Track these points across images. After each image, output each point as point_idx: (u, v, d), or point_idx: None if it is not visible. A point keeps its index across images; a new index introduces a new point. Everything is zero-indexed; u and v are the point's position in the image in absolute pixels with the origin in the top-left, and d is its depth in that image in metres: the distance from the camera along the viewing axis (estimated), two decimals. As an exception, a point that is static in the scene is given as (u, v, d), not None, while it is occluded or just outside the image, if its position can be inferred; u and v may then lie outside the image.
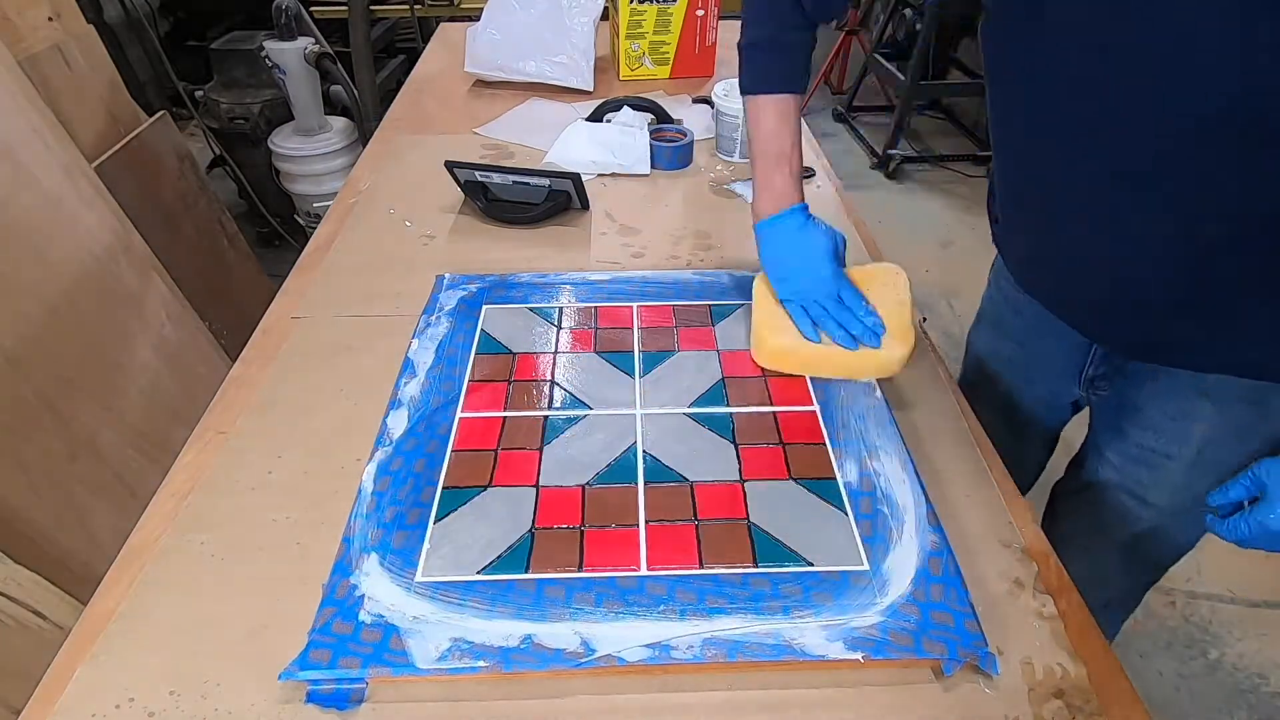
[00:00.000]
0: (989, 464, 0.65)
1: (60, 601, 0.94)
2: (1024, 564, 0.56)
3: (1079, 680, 0.49)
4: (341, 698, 0.48)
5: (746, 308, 0.80)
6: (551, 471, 0.62)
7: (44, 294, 1.10)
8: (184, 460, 0.65)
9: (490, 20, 1.36)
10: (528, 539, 0.56)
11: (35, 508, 1.00)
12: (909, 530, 0.56)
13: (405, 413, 0.67)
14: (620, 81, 1.41)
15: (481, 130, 1.22)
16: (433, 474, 0.61)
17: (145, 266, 1.31)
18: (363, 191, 1.05)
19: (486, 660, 0.48)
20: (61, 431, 1.07)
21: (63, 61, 1.37)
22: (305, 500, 0.61)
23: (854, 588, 0.53)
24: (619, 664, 0.48)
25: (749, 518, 0.58)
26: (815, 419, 0.67)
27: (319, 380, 0.72)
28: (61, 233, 1.15)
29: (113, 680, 0.49)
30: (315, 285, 0.86)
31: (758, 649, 0.49)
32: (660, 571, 0.54)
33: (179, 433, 0.68)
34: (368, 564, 0.54)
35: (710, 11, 1.36)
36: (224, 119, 2.12)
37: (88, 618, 0.53)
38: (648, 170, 1.08)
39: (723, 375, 0.72)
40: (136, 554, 0.57)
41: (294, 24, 1.88)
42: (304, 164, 2.07)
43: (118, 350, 1.21)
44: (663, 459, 0.63)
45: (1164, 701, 1.27)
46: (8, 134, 1.09)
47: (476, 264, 0.89)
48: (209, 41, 2.19)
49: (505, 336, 0.76)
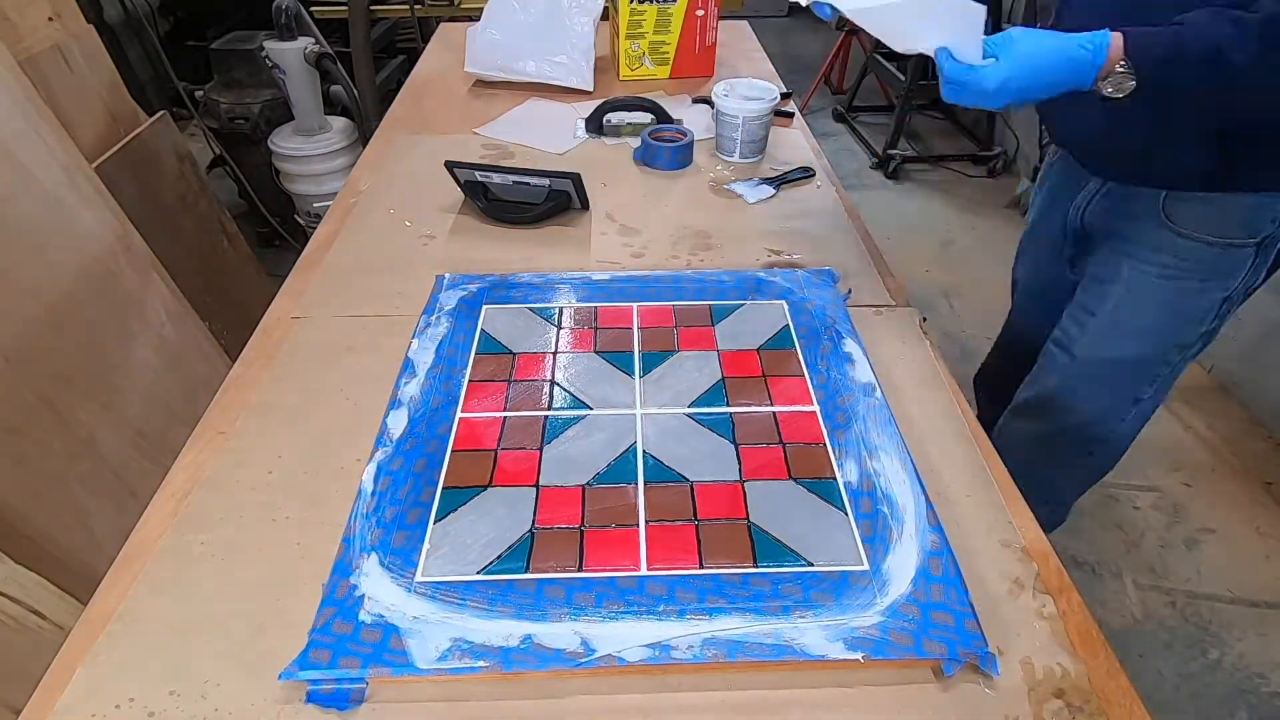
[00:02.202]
0: (989, 464, 0.65)
1: (60, 601, 0.94)
2: (1024, 564, 0.56)
3: (1079, 680, 0.49)
4: (341, 698, 0.48)
5: (747, 308, 0.80)
6: (551, 471, 0.62)
7: (44, 294, 1.10)
8: (184, 460, 0.65)
9: (490, 20, 1.36)
10: (528, 539, 0.56)
11: (35, 508, 1.00)
12: (909, 530, 0.56)
13: (405, 413, 0.67)
14: (620, 81, 1.41)
15: (481, 130, 1.22)
16: (433, 474, 0.61)
17: (145, 266, 1.31)
18: (363, 191, 1.05)
19: (486, 660, 0.48)
20: (61, 431, 1.07)
21: (63, 61, 1.37)
22: (305, 500, 0.61)
23: (854, 588, 0.53)
24: (619, 664, 0.48)
25: (749, 518, 0.58)
26: (815, 419, 0.67)
27: (319, 380, 0.72)
28: (61, 233, 1.15)
29: (113, 680, 0.49)
30: (315, 285, 0.86)
31: (758, 649, 0.49)
32: (660, 571, 0.54)
33: (179, 433, 0.68)
34: (368, 564, 0.54)
35: (710, 11, 1.36)
36: (224, 119, 2.12)
37: (88, 618, 0.53)
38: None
39: (723, 375, 0.72)
40: (136, 554, 0.57)
41: (294, 24, 1.87)
42: (304, 164, 2.07)
43: (118, 350, 1.21)
44: (663, 459, 0.63)
45: (1164, 701, 1.27)
46: (8, 134, 1.09)
47: (476, 264, 0.89)
48: (209, 41, 2.19)
49: (505, 336, 0.76)
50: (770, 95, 1.09)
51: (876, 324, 0.80)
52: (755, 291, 0.83)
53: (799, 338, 0.76)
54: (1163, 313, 0.87)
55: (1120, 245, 0.87)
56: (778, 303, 0.81)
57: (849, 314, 0.79)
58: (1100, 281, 0.90)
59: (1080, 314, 0.93)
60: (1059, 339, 0.97)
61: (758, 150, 1.13)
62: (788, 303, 0.81)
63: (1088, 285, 0.92)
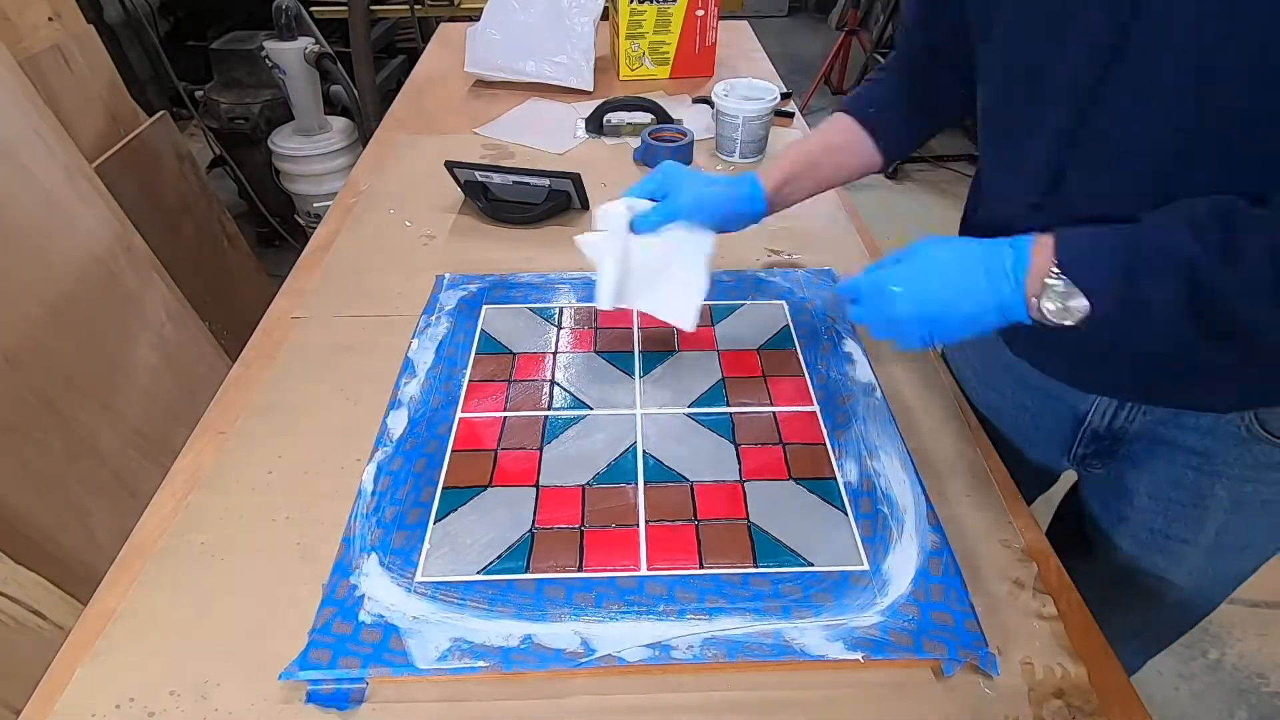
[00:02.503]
0: (989, 464, 0.65)
1: (60, 601, 0.94)
2: (1024, 564, 0.56)
3: (1079, 680, 0.49)
4: (341, 698, 0.48)
5: (747, 308, 0.80)
6: (551, 471, 0.62)
7: (44, 294, 1.10)
8: (184, 460, 0.65)
9: (490, 20, 1.36)
10: (528, 539, 0.56)
11: (35, 508, 1.00)
12: (909, 530, 0.56)
13: (405, 413, 0.67)
14: (620, 81, 1.41)
15: (481, 130, 1.22)
16: (433, 474, 0.61)
17: (145, 266, 1.31)
18: (363, 191, 1.05)
19: (486, 660, 0.48)
20: (61, 431, 1.07)
21: (63, 61, 1.37)
22: (305, 500, 0.61)
23: (854, 588, 0.52)
24: (619, 664, 0.48)
25: (749, 518, 0.58)
26: (815, 419, 0.67)
27: (319, 380, 0.72)
28: (61, 233, 1.15)
29: (113, 680, 0.49)
30: (315, 285, 0.86)
31: (758, 649, 0.49)
32: (660, 571, 0.54)
33: (179, 433, 0.68)
34: (368, 564, 0.54)
35: (710, 11, 1.35)
36: (224, 119, 2.12)
37: (88, 618, 0.53)
38: (691, 326, 0.68)
39: (723, 375, 0.72)
40: (136, 554, 0.57)
41: (294, 24, 1.87)
42: (304, 164, 2.07)
43: (118, 350, 1.21)
44: (663, 459, 0.63)
45: (1164, 701, 1.27)
46: (8, 134, 1.09)
47: (476, 264, 0.89)
48: (209, 41, 2.19)
49: (505, 336, 0.76)
50: (770, 95, 1.09)
51: (876, 324, 0.80)
52: (755, 291, 0.83)
53: (799, 338, 0.76)
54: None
55: (1197, 463, 0.62)
56: (778, 303, 0.81)
57: (849, 314, 0.79)
58: (1183, 505, 0.65)
59: (1167, 543, 0.67)
60: (1137, 568, 0.71)
61: (758, 150, 1.13)
62: (788, 303, 0.81)
63: (1162, 507, 0.66)
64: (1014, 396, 0.73)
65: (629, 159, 1.14)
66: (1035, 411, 0.71)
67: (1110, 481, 0.69)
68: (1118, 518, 0.70)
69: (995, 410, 0.76)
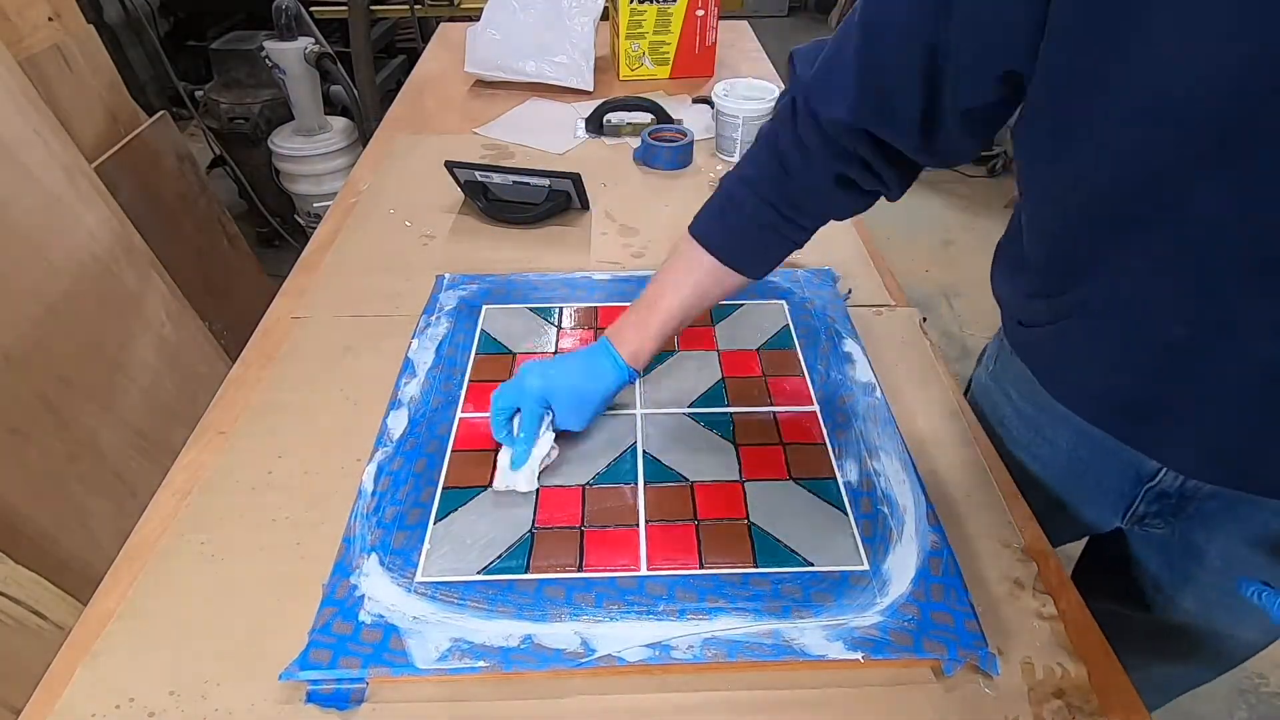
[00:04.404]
0: (989, 464, 0.65)
1: (60, 601, 0.94)
2: (1024, 564, 0.56)
3: (1079, 680, 0.49)
4: (341, 698, 0.48)
5: (746, 308, 0.80)
6: (551, 471, 0.62)
7: (44, 294, 1.10)
8: (184, 460, 0.65)
9: (490, 20, 1.36)
10: (528, 539, 0.56)
11: (35, 508, 1.00)
12: (909, 530, 0.56)
13: (405, 413, 0.67)
14: (620, 81, 1.41)
15: (481, 130, 1.22)
16: (433, 474, 0.61)
17: (145, 266, 1.31)
18: (363, 191, 1.05)
19: (486, 660, 0.48)
20: (61, 431, 1.07)
21: (63, 61, 1.37)
22: (305, 500, 0.61)
23: (854, 588, 0.52)
24: (619, 664, 0.48)
25: (749, 518, 0.58)
26: (815, 419, 0.67)
27: (319, 380, 0.72)
28: (61, 233, 1.15)
29: (113, 680, 0.49)
30: (315, 285, 0.86)
31: (758, 649, 0.49)
32: (660, 571, 0.54)
33: (179, 433, 0.68)
34: (368, 564, 0.54)
35: (710, 11, 1.35)
36: (224, 119, 2.12)
37: (88, 618, 0.53)
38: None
39: (723, 375, 0.72)
40: (136, 554, 0.57)
41: (294, 24, 1.88)
42: (304, 164, 2.07)
43: (118, 350, 1.21)
44: (663, 459, 0.63)
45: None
46: (8, 134, 1.09)
47: (476, 264, 0.89)
48: (209, 41, 2.19)
49: (505, 336, 0.76)
50: (770, 95, 1.09)
51: (876, 324, 0.80)
52: (755, 291, 0.83)
53: (799, 338, 0.76)
54: None
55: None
56: (777, 303, 0.81)
57: (849, 314, 0.79)
58: (1261, 568, 0.56)
59: (1231, 600, 0.60)
60: (1204, 626, 0.65)
61: (758, 150, 1.13)
62: (787, 303, 0.81)
63: (1224, 565, 0.59)
64: (1069, 449, 0.64)
65: (629, 159, 1.14)
66: (1092, 465, 0.63)
67: (1175, 540, 0.62)
68: (1184, 577, 0.63)
69: (1043, 462, 0.67)
